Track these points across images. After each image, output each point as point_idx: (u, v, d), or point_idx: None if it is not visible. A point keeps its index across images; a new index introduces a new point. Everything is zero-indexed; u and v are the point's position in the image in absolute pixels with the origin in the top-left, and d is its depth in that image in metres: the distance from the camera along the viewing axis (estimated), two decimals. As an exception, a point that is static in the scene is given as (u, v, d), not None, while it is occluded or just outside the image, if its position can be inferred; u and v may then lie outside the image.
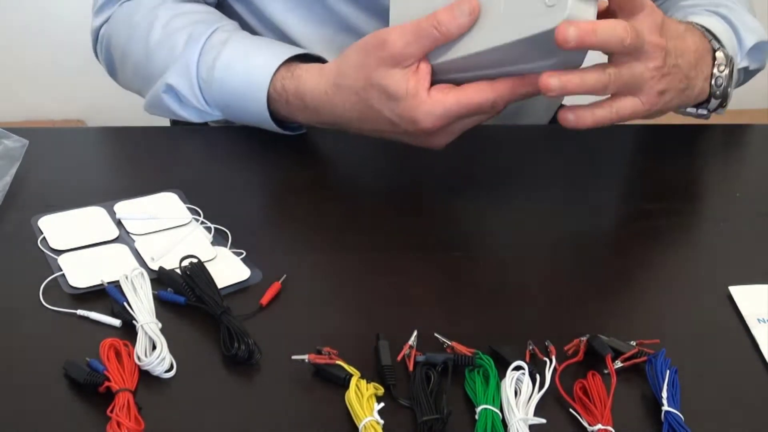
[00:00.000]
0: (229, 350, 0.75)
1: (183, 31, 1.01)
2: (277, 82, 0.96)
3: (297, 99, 0.95)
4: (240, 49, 0.99)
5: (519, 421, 0.70)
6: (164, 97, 1.02)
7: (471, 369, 0.75)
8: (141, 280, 0.80)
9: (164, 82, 1.01)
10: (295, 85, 0.95)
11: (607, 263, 0.88)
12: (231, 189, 0.93)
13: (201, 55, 1.00)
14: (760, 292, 0.84)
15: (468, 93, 0.87)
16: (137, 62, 1.06)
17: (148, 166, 0.99)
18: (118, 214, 0.89)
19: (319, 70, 0.95)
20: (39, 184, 0.93)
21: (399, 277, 0.85)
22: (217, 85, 0.99)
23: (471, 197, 0.96)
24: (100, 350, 0.73)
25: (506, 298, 0.84)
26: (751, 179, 1.01)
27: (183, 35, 1.01)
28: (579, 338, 0.77)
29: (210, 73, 0.99)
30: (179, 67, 1.00)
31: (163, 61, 1.02)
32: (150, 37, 1.03)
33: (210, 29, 1.01)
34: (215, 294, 0.79)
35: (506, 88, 0.86)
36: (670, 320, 0.82)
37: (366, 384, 0.72)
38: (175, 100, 1.02)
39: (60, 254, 0.84)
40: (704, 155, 1.08)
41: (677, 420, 0.71)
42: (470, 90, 0.87)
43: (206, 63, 0.99)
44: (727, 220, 0.95)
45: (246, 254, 0.86)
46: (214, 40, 1.00)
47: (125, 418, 0.68)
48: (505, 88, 0.86)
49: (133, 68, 1.07)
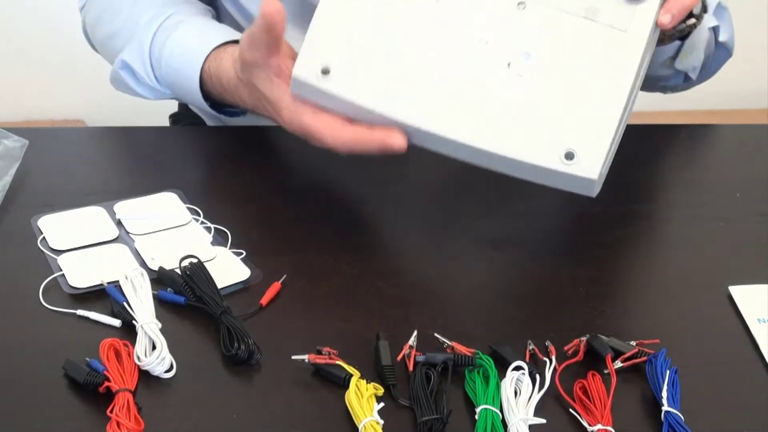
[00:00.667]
0: (229, 350, 0.75)
1: (147, 11, 1.05)
2: (207, 64, 0.98)
3: (218, 81, 0.97)
4: (189, 31, 1.02)
5: (519, 421, 0.70)
6: (121, 73, 1.06)
7: (471, 369, 0.75)
8: (141, 280, 0.80)
9: (121, 59, 1.05)
10: (216, 67, 0.97)
11: (607, 263, 0.88)
12: (231, 189, 0.93)
13: (155, 34, 1.03)
14: (760, 292, 0.84)
15: (318, 127, 0.84)
16: (103, 40, 1.11)
17: (148, 166, 0.99)
18: (118, 214, 0.89)
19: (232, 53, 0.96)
20: (39, 184, 0.93)
21: (399, 277, 0.85)
22: (165, 64, 1.02)
23: (471, 198, 0.97)
24: (100, 350, 0.73)
25: (506, 298, 0.84)
26: (751, 179, 1.01)
27: (146, 15, 1.05)
28: (579, 338, 0.77)
29: (160, 52, 1.02)
30: (135, 45, 1.04)
31: (125, 38, 1.06)
32: (118, 17, 1.08)
33: (170, 11, 1.04)
34: (215, 294, 0.79)
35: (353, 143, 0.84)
36: (670, 320, 0.82)
37: (366, 384, 0.72)
38: (131, 76, 1.06)
39: (60, 254, 0.84)
40: (704, 155, 1.08)
41: (677, 420, 0.71)
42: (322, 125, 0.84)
43: (158, 43, 1.03)
44: (727, 220, 0.95)
45: (246, 254, 0.86)
46: (170, 21, 1.03)
47: (125, 418, 0.68)
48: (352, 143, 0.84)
49: (101, 44, 1.13)
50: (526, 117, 0.80)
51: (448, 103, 0.81)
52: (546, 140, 0.79)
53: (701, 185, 1.00)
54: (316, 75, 0.82)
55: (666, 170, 0.86)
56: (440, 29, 0.82)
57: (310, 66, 0.83)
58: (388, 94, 0.82)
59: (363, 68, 0.82)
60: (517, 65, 0.81)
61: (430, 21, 0.83)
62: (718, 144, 1.10)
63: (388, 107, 0.82)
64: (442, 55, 0.82)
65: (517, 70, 0.81)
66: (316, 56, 0.83)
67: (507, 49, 0.81)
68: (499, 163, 0.81)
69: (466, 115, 0.81)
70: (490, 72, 0.81)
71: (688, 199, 0.98)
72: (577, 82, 0.81)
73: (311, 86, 0.83)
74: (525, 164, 0.80)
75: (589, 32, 0.81)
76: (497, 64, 0.81)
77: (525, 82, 0.81)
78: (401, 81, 0.82)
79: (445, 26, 0.82)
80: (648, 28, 0.82)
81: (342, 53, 0.82)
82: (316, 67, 0.82)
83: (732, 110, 2.26)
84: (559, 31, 0.82)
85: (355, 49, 0.82)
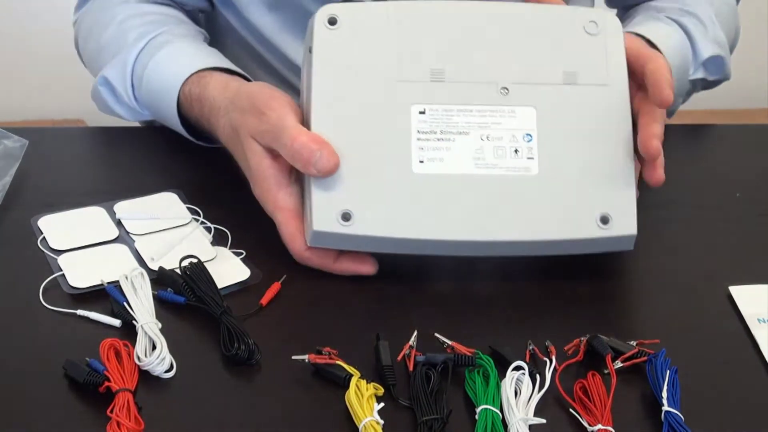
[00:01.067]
0: (229, 350, 0.75)
1: (136, 29, 1.04)
2: (186, 87, 0.96)
3: (198, 104, 0.95)
4: (173, 53, 1.00)
5: (519, 421, 0.70)
6: (101, 90, 1.04)
7: (471, 369, 0.75)
8: (141, 280, 0.80)
9: (102, 75, 1.03)
10: (199, 91, 0.95)
11: (606, 263, 0.88)
12: (231, 189, 0.93)
13: (141, 53, 1.01)
14: (760, 292, 0.84)
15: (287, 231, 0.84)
16: (91, 55, 1.09)
17: (148, 166, 0.99)
18: (118, 214, 0.89)
19: (225, 83, 0.94)
20: (39, 184, 0.93)
21: (399, 277, 0.85)
22: (145, 84, 1.00)
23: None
24: (100, 350, 0.73)
25: (506, 298, 0.84)
26: (751, 179, 1.01)
27: (134, 33, 1.03)
28: (579, 338, 0.77)
29: (143, 71, 1.00)
30: (117, 63, 1.02)
31: (111, 54, 1.04)
32: (105, 32, 1.06)
33: (157, 31, 1.02)
34: (215, 294, 0.79)
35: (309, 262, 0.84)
36: (670, 320, 0.82)
37: (366, 384, 0.72)
38: (111, 94, 1.04)
39: (60, 254, 0.84)
40: (704, 155, 1.08)
41: (677, 420, 0.71)
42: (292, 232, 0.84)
43: (142, 62, 1.01)
44: (727, 220, 0.95)
45: (246, 254, 0.86)
46: (157, 41, 1.01)
47: (125, 418, 0.68)
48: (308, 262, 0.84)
49: (88, 60, 1.11)
50: (552, 195, 0.81)
51: (474, 208, 0.81)
52: (578, 212, 0.81)
53: (701, 185, 1.00)
54: (339, 222, 0.80)
55: (666, 170, 0.86)
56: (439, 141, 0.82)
57: (329, 215, 0.80)
58: (416, 217, 0.80)
59: (382, 201, 0.80)
60: (524, 150, 0.82)
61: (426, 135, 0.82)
62: (718, 144, 1.10)
63: (422, 229, 0.80)
64: (452, 163, 0.81)
65: (526, 154, 0.82)
66: (332, 204, 0.80)
67: (509, 139, 0.82)
68: (537, 248, 0.82)
69: (496, 214, 0.81)
70: (502, 164, 0.81)
71: (688, 199, 0.98)
72: (584, 146, 0.83)
73: (336, 234, 0.80)
74: (565, 241, 0.81)
75: (575, 97, 0.84)
76: (506, 155, 0.82)
77: (538, 162, 0.82)
78: (424, 199, 0.81)
79: (443, 135, 0.82)
80: (624, 73, 0.85)
81: (357, 193, 0.80)
82: (336, 215, 0.80)
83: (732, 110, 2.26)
84: (548, 104, 0.83)
85: (367, 185, 0.81)
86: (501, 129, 0.82)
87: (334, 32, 0.83)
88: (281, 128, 0.82)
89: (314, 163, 0.80)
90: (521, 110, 0.83)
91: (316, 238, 0.81)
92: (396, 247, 0.81)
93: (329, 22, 0.83)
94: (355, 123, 0.82)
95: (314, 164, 0.80)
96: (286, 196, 0.84)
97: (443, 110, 0.82)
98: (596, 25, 0.85)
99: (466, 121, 0.82)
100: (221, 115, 0.90)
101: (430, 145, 0.81)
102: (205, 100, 0.94)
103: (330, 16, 0.83)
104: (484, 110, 0.83)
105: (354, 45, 0.83)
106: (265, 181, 0.85)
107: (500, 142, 0.82)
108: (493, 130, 0.82)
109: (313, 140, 0.80)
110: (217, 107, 0.91)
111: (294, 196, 0.85)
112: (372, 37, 0.84)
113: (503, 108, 0.83)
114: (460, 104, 0.83)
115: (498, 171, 0.81)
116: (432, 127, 0.82)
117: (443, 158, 0.81)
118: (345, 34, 0.83)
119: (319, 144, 0.80)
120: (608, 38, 0.85)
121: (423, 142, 0.81)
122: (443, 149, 0.81)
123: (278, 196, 0.84)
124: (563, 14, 0.87)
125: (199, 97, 0.95)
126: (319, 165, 0.80)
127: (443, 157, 0.81)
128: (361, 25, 0.84)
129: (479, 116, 0.82)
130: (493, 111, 0.83)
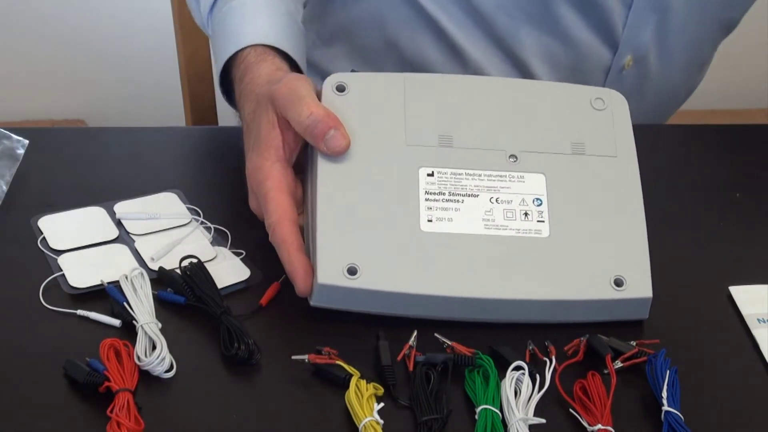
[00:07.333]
0: (229, 350, 0.75)
1: None
2: (248, 50, 0.93)
3: (245, 72, 0.92)
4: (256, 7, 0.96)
5: (519, 422, 0.70)
6: None
7: (471, 369, 0.75)
8: (141, 280, 0.80)
9: None
10: (253, 60, 0.92)
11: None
12: (231, 189, 0.93)
13: None
14: (760, 292, 0.84)
15: (273, 204, 0.81)
16: None
17: (148, 166, 0.99)
18: (118, 214, 0.89)
19: (275, 68, 0.91)
20: (39, 184, 0.93)
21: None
22: (220, 17, 0.97)
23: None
24: (100, 350, 0.73)
25: (506, 298, 0.84)
26: (751, 179, 1.01)
27: None
28: (579, 338, 0.77)
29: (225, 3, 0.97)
30: None
31: None
32: None
33: None
34: (215, 294, 0.79)
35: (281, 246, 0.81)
36: (670, 320, 0.82)
37: (366, 384, 0.72)
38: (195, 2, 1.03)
39: (60, 254, 0.84)
40: (704, 155, 1.08)
41: (677, 420, 0.71)
42: (277, 205, 0.81)
43: None
44: (727, 220, 0.95)
45: (246, 254, 0.86)
46: None
47: (125, 418, 0.68)
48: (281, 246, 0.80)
49: None
50: (564, 257, 0.80)
51: (484, 266, 0.79)
52: (592, 274, 0.80)
53: (701, 185, 1.00)
54: (345, 276, 0.78)
55: (666, 170, 0.86)
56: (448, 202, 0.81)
57: (335, 269, 0.78)
58: (423, 273, 0.79)
59: (389, 256, 0.79)
60: (534, 213, 0.81)
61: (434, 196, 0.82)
62: (718, 144, 1.10)
63: (429, 285, 0.79)
64: (461, 223, 0.81)
65: (537, 217, 0.81)
66: (337, 258, 0.78)
67: (519, 202, 0.82)
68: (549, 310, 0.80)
69: (507, 273, 0.79)
70: (512, 226, 0.81)
71: (688, 199, 0.98)
72: (595, 212, 0.82)
73: (342, 288, 0.78)
74: (578, 302, 0.80)
75: (584, 166, 0.84)
76: (516, 217, 0.81)
77: (549, 225, 0.81)
78: (432, 256, 0.79)
79: (452, 196, 0.82)
80: (632, 146, 0.85)
81: (363, 248, 0.79)
82: (342, 269, 0.78)
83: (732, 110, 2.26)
84: (558, 171, 0.83)
85: (375, 241, 0.79)
86: (510, 193, 0.82)
87: (343, 98, 0.84)
88: (300, 96, 0.81)
89: (326, 140, 0.79)
90: (530, 176, 0.83)
91: (321, 294, 0.79)
92: (402, 305, 0.79)
93: (338, 89, 0.84)
94: (362, 181, 0.81)
95: (326, 141, 0.79)
96: (281, 171, 0.82)
97: (452, 173, 0.82)
98: (603, 101, 0.86)
99: (475, 185, 0.82)
100: (256, 90, 0.88)
101: (438, 206, 0.81)
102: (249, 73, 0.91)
103: (338, 83, 0.84)
104: (493, 175, 0.82)
105: (362, 110, 0.83)
106: (266, 151, 0.82)
107: (510, 205, 0.81)
108: (503, 193, 0.82)
109: (329, 116, 0.80)
110: (255, 84, 0.89)
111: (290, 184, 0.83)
112: (380, 104, 0.84)
113: (512, 173, 0.83)
114: (469, 168, 0.83)
115: (508, 232, 0.81)
116: (440, 188, 0.81)
117: (452, 218, 0.81)
118: (353, 100, 0.84)
119: (335, 122, 0.80)
120: (615, 113, 0.86)
121: (431, 202, 0.81)
122: (452, 209, 0.81)
123: (274, 167, 0.82)
124: (571, 90, 0.88)
125: (249, 68, 0.92)
126: (330, 143, 0.79)
127: (452, 217, 0.81)
128: (369, 92, 0.85)
129: (488, 180, 0.82)
130: (502, 176, 0.82)
